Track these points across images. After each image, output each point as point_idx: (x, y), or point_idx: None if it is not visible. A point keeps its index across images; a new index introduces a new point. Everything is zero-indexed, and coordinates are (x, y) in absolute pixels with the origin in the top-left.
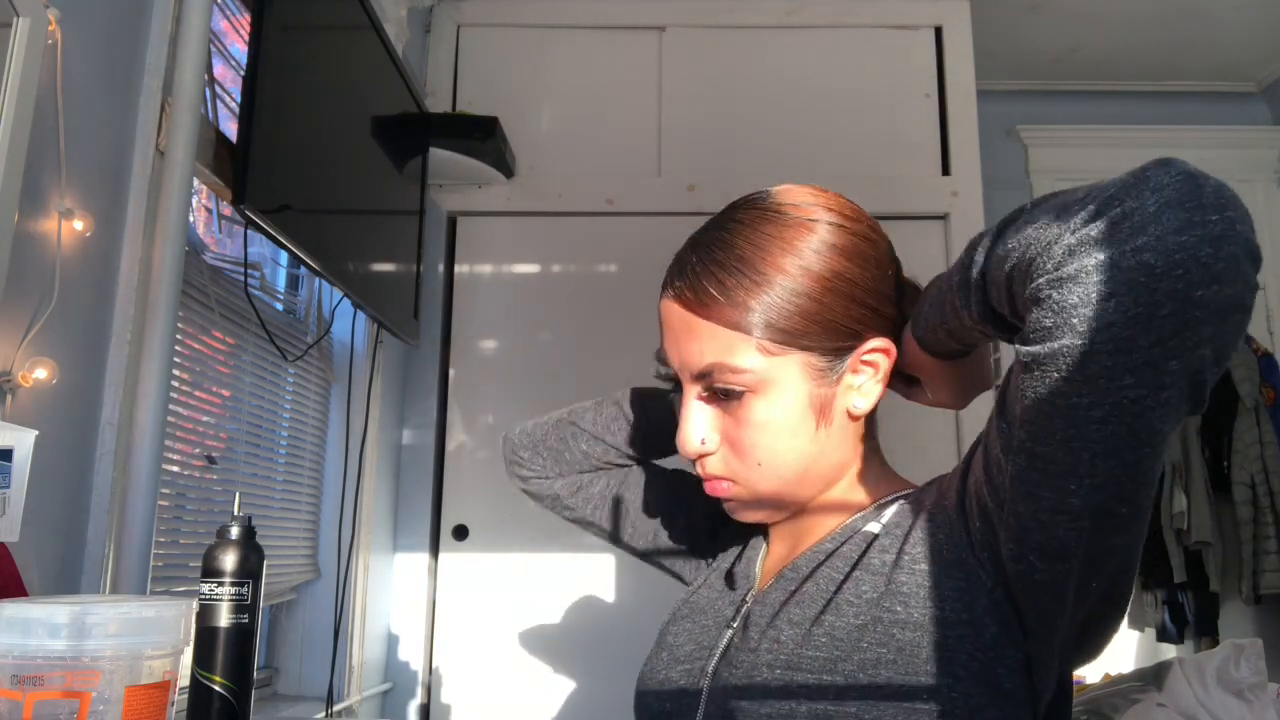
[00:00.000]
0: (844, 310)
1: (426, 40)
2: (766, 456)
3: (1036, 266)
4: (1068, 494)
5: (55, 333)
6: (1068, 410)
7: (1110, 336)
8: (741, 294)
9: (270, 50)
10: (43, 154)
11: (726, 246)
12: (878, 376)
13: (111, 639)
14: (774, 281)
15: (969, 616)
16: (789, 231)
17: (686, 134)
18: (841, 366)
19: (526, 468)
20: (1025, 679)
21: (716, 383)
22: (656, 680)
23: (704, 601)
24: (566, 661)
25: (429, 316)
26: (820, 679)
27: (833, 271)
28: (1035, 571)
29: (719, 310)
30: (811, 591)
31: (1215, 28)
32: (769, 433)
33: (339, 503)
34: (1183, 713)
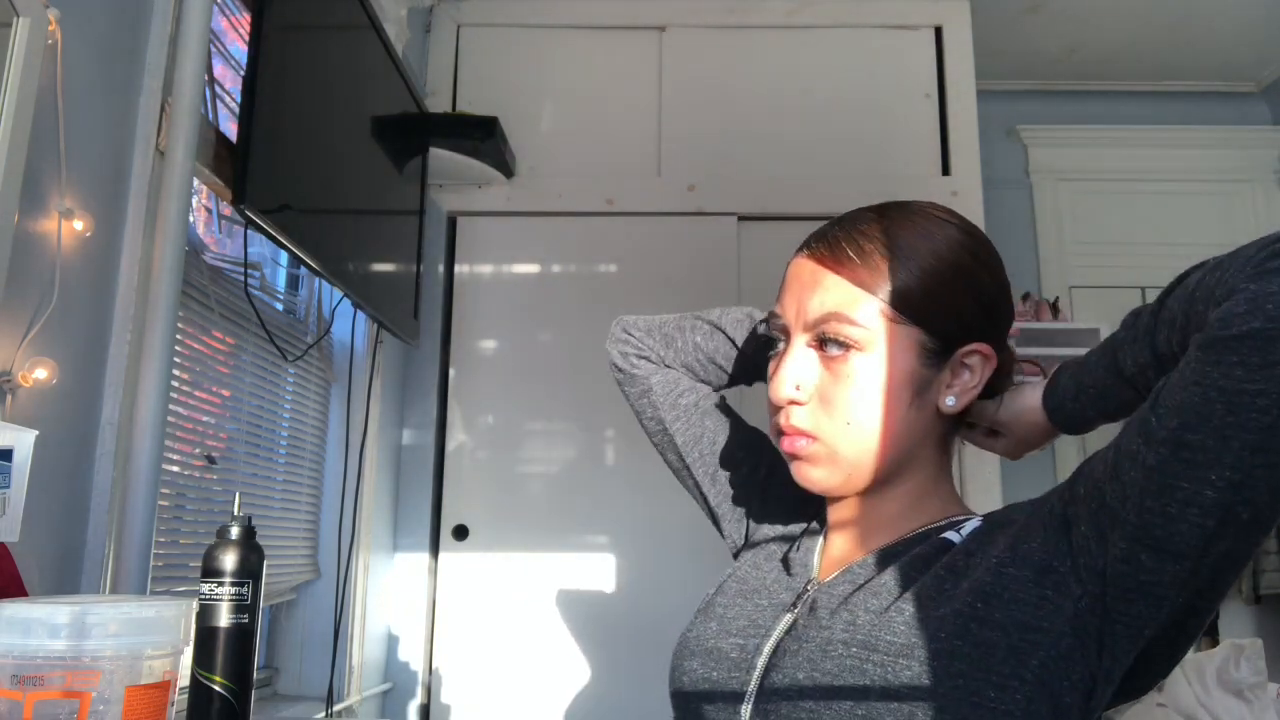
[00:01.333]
0: (964, 303)
1: (426, 40)
2: (857, 416)
3: (1231, 275)
4: (1206, 484)
5: (55, 333)
6: (1235, 396)
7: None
8: (877, 259)
9: (270, 50)
10: (43, 154)
11: (869, 222)
12: (975, 380)
13: (111, 639)
14: (909, 257)
15: (1049, 625)
16: (928, 223)
17: (686, 134)
18: (947, 356)
19: (634, 344)
20: (1084, 699)
21: (829, 332)
22: (705, 647)
23: (756, 581)
24: (566, 661)
25: (429, 316)
26: (896, 661)
27: (963, 265)
28: (1142, 571)
29: (852, 269)
30: (888, 583)
31: (1215, 28)
32: (867, 393)
33: (339, 503)
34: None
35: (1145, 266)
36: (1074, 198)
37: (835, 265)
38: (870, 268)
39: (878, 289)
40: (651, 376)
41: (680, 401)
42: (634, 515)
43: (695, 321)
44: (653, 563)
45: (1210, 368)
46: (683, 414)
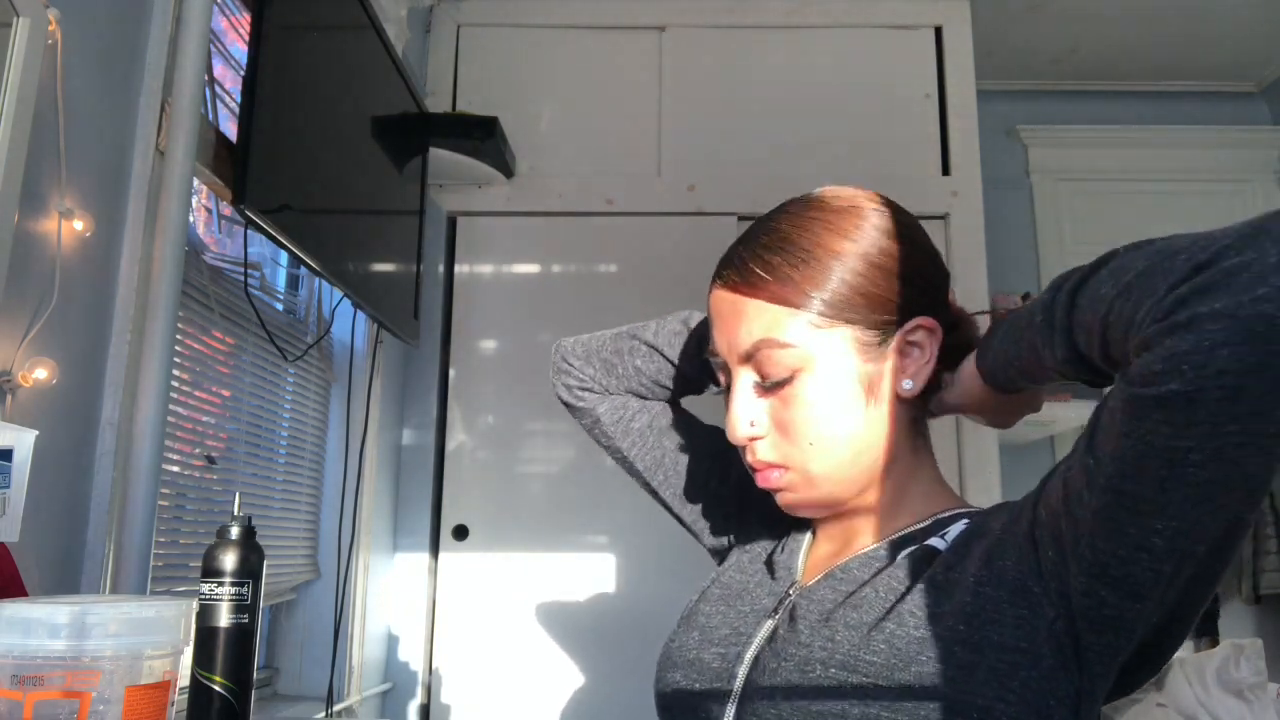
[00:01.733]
0: (888, 286)
1: (426, 40)
2: (817, 434)
3: (1145, 312)
4: (1153, 533)
5: (55, 333)
6: (1166, 453)
7: (1221, 384)
8: (787, 270)
9: (270, 50)
10: (43, 154)
11: (772, 232)
12: (925, 357)
13: (111, 639)
14: (819, 258)
15: (1028, 645)
16: (833, 215)
17: (686, 134)
18: (889, 343)
19: (574, 375)
20: (1071, 712)
21: (765, 360)
22: (686, 658)
23: (738, 585)
24: (567, 661)
25: (429, 316)
26: (876, 683)
27: (877, 248)
28: (1105, 606)
29: (766, 288)
30: (870, 597)
31: (1215, 28)
32: (819, 410)
33: (339, 503)
34: (1183, 713)
35: None
36: (1074, 198)
37: (749, 290)
38: (782, 281)
39: (797, 301)
40: (598, 407)
41: (632, 427)
42: (634, 515)
43: (633, 343)
44: (653, 563)
45: (1137, 423)
46: (637, 439)
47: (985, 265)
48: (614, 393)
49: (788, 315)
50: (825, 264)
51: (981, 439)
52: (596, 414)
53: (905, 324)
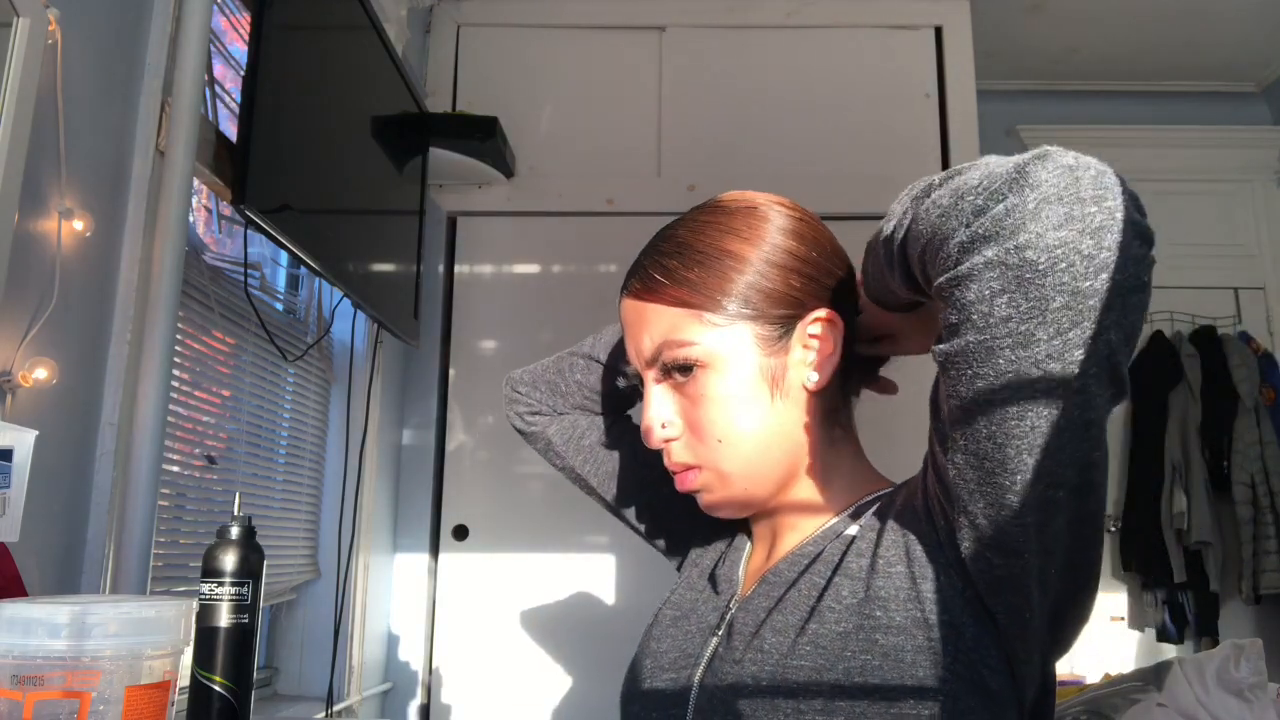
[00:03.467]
0: (785, 281)
1: (426, 40)
2: (725, 431)
3: (939, 260)
4: (1005, 489)
5: (55, 333)
6: (986, 407)
7: (1009, 331)
8: (684, 273)
9: (270, 50)
10: (43, 154)
11: (670, 239)
12: (827, 349)
13: (111, 639)
14: (715, 259)
15: (948, 618)
16: (728, 218)
17: (686, 134)
18: (789, 337)
19: (523, 402)
20: (1009, 678)
21: (667, 360)
22: (641, 690)
23: (687, 604)
24: (566, 661)
25: (429, 316)
26: (806, 689)
27: (773, 246)
28: (994, 568)
29: (665, 292)
30: (795, 599)
31: (1215, 28)
32: (724, 406)
33: (339, 503)
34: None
35: None
36: None
37: (650, 295)
38: (679, 284)
39: (695, 302)
40: (548, 429)
41: (583, 444)
42: None
43: (572, 359)
44: (652, 562)
45: (954, 382)
46: (589, 455)
47: None
48: (563, 412)
49: (688, 316)
50: (721, 264)
51: None
52: (547, 436)
53: (804, 317)
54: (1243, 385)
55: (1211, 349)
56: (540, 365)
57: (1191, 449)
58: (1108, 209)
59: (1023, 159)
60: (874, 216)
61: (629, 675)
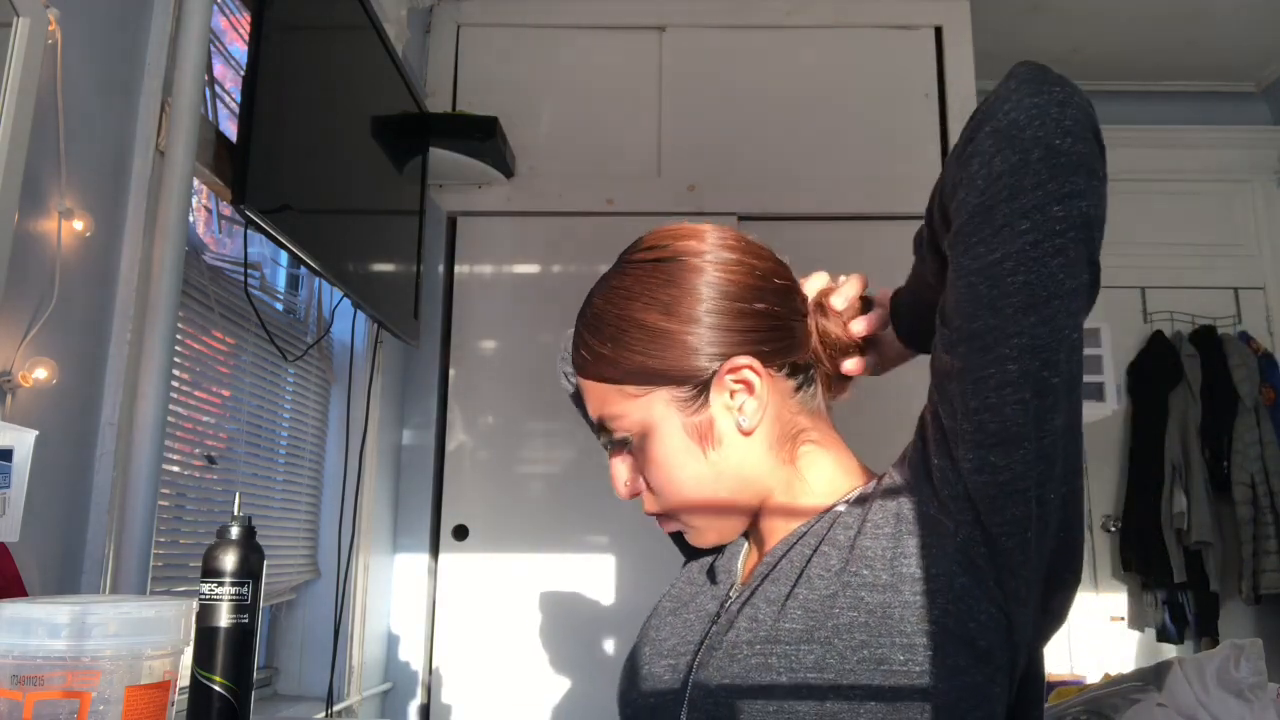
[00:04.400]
0: (687, 338)
1: (426, 40)
2: (673, 489)
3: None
4: (1005, 360)
5: (55, 333)
6: (987, 271)
7: (1002, 186)
8: (599, 347)
9: (270, 50)
10: (43, 154)
11: (590, 307)
12: (754, 393)
13: (111, 639)
14: (623, 330)
15: (937, 570)
16: (629, 279)
17: (686, 134)
18: (705, 391)
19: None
20: (1003, 636)
21: (610, 432)
22: (639, 675)
23: (686, 596)
24: (566, 661)
25: (429, 316)
26: (798, 649)
27: (679, 305)
28: (996, 471)
29: (591, 368)
30: (785, 569)
31: (1215, 28)
32: (664, 467)
33: (339, 503)
34: (1183, 713)
35: (1145, 266)
36: None
37: (581, 371)
38: (597, 360)
39: (611, 376)
40: None
41: None
42: (634, 515)
43: None
44: (653, 562)
45: (961, 257)
46: None
47: None
48: None
49: (607, 391)
50: (627, 336)
51: None
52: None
53: (719, 370)
54: (1243, 385)
55: (1211, 349)
56: None
57: (1191, 449)
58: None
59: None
60: (874, 217)
61: (627, 665)
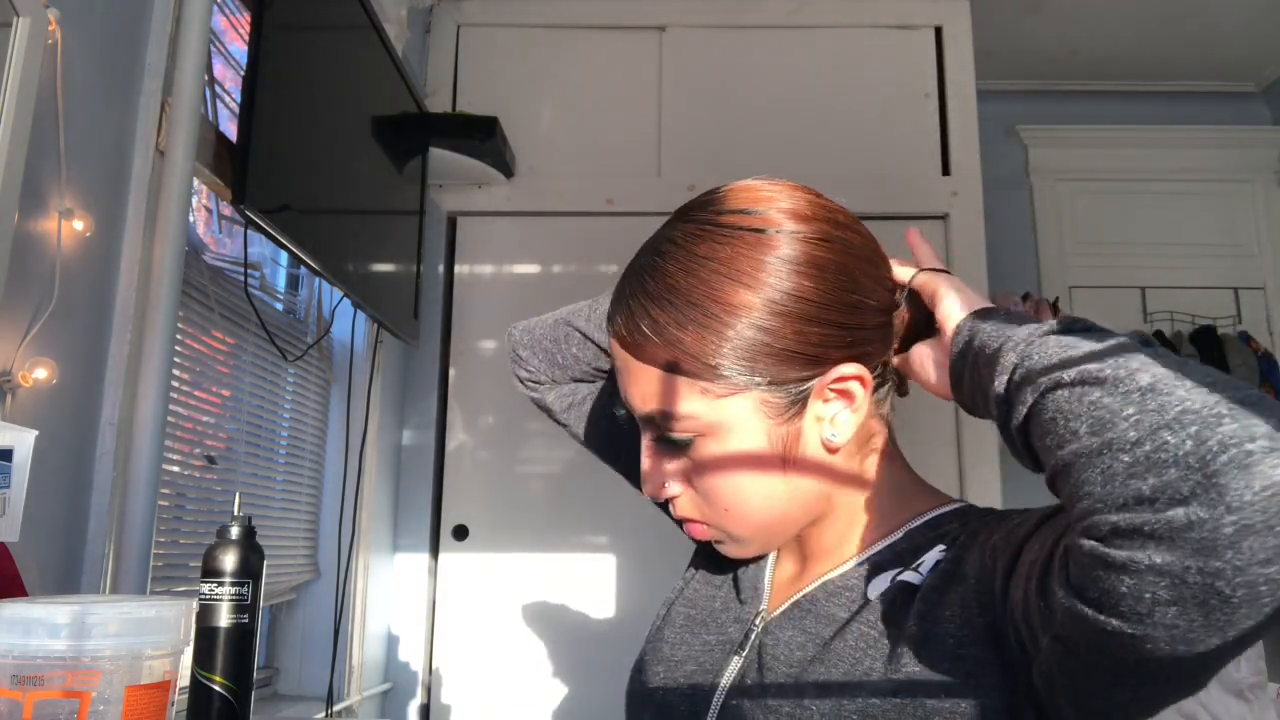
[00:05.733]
0: (798, 336)
1: (426, 40)
2: (731, 501)
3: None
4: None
5: (55, 333)
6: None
7: (1168, 635)
8: (675, 331)
9: (270, 50)
10: (43, 154)
11: (658, 274)
12: (853, 406)
13: (111, 639)
14: (712, 315)
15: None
16: (725, 250)
17: (686, 134)
18: (804, 399)
19: (523, 367)
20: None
21: (663, 430)
22: (654, 698)
23: (704, 605)
24: (567, 661)
25: (429, 316)
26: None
27: (781, 292)
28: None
29: (653, 351)
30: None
31: (1215, 28)
32: (730, 477)
33: (339, 503)
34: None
35: (1145, 266)
36: (1074, 198)
37: (635, 350)
38: (670, 343)
39: (689, 369)
40: (546, 396)
41: (583, 410)
42: (634, 515)
43: (568, 330)
44: (653, 562)
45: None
46: (591, 423)
47: (985, 265)
48: (560, 381)
49: (681, 384)
50: (719, 323)
51: (981, 437)
52: (546, 403)
53: (823, 375)
54: None
55: (1211, 349)
56: (538, 325)
57: None
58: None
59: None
60: (874, 216)
61: (637, 674)
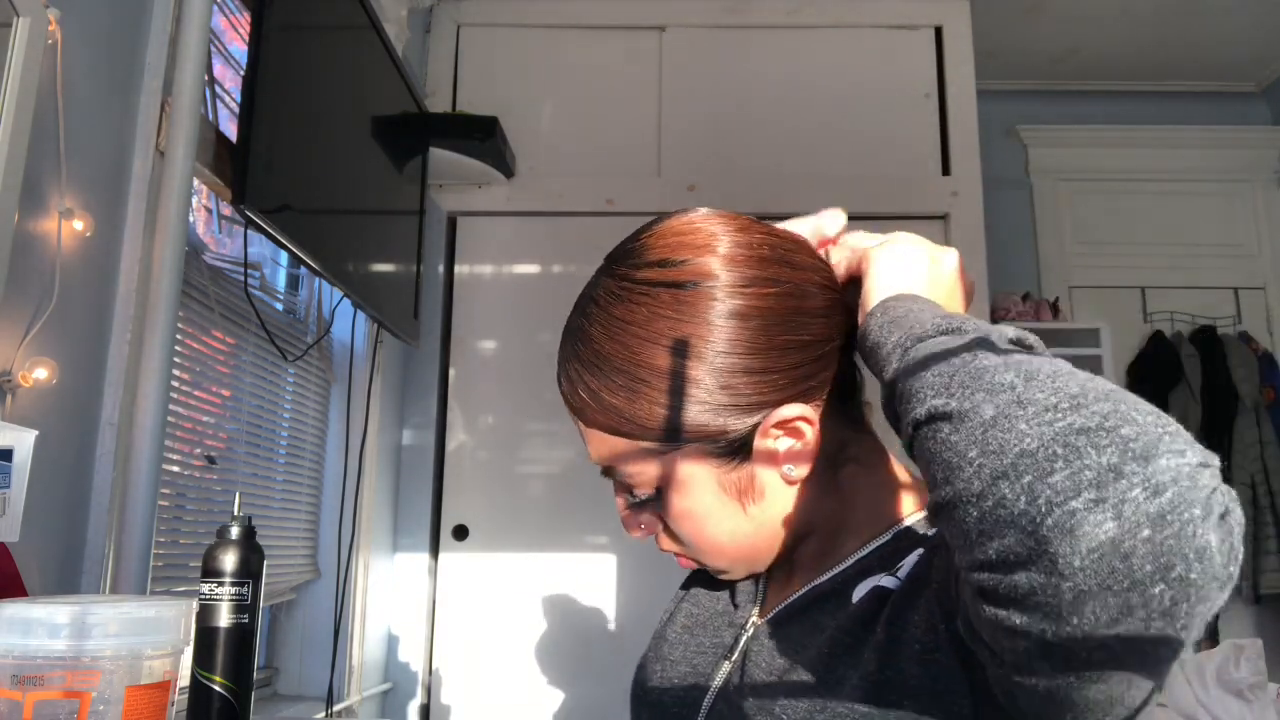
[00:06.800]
0: (726, 391)
1: (426, 40)
2: (706, 544)
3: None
4: None
5: (55, 333)
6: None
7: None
8: (607, 397)
9: (270, 50)
10: (43, 154)
11: (585, 339)
12: (804, 441)
13: (111, 639)
14: (637, 378)
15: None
16: (641, 311)
17: (686, 134)
18: (747, 447)
19: None
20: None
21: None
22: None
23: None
24: (567, 661)
25: (429, 316)
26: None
27: (693, 348)
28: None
29: (593, 415)
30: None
31: (1215, 28)
32: (692, 522)
33: (339, 503)
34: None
35: (1145, 266)
36: (1074, 198)
37: (579, 414)
38: (606, 409)
39: (626, 431)
40: None
41: None
42: None
43: None
44: (653, 562)
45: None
46: None
47: (985, 265)
48: None
49: (623, 445)
50: (646, 386)
51: None
52: None
53: (764, 422)
54: (1243, 385)
55: (1211, 349)
56: None
57: None
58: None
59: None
60: (874, 216)
61: (640, 670)
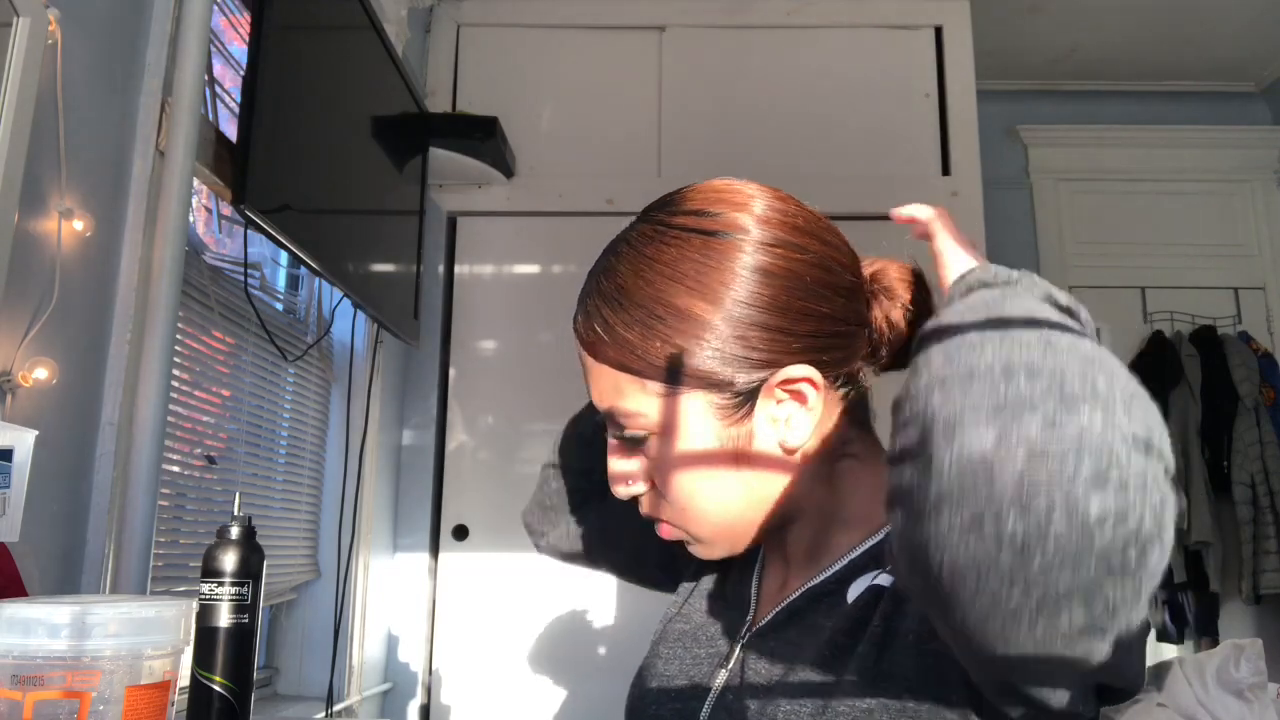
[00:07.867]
0: (740, 341)
1: (426, 40)
2: (687, 501)
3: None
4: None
5: (55, 333)
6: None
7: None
8: (622, 331)
9: (270, 50)
10: (43, 154)
11: (611, 275)
12: (806, 406)
13: (111, 639)
14: (655, 315)
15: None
16: (671, 252)
17: (686, 134)
18: (752, 400)
19: (535, 533)
20: None
21: (618, 423)
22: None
23: (698, 619)
24: (567, 662)
25: (429, 316)
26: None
27: (733, 297)
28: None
29: (604, 349)
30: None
31: (1215, 28)
32: (685, 481)
33: (339, 503)
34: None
35: (1145, 266)
36: (1074, 198)
37: (590, 348)
38: (619, 345)
39: (637, 368)
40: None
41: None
42: None
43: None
44: None
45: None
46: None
47: None
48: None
49: (629, 382)
50: (663, 325)
51: None
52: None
53: (770, 379)
54: (1243, 385)
55: (1211, 349)
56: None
57: (1191, 449)
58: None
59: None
60: (874, 216)
61: (635, 689)
